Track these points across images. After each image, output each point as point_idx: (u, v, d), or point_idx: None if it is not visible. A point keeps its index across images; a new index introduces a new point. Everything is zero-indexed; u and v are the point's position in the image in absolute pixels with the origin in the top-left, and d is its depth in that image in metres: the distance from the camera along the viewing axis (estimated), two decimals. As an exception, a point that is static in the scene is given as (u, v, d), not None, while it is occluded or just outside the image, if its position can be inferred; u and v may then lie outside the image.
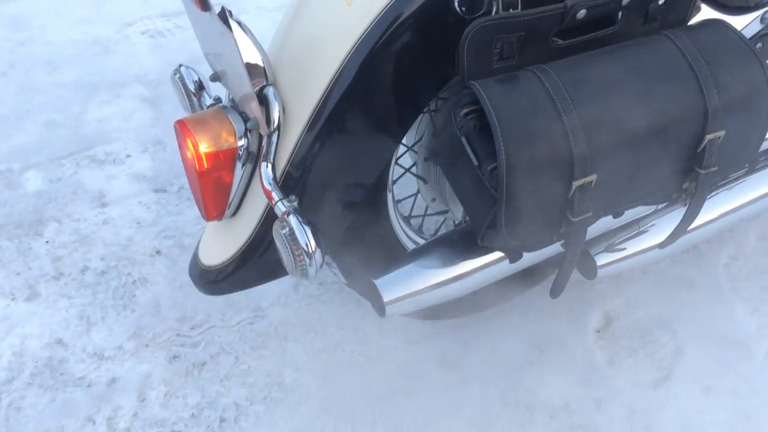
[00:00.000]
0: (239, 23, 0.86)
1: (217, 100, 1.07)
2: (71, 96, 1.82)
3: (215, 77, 0.99)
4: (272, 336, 1.31)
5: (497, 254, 0.96)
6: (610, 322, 1.36)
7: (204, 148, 0.90)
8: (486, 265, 0.95)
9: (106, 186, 1.57)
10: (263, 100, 0.90)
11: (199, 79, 1.09)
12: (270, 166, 0.90)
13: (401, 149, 1.13)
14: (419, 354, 1.29)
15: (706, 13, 1.04)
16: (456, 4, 0.84)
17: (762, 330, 1.34)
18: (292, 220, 0.81)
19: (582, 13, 0.83)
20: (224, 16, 0.85)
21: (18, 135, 1.71)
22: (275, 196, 0.87)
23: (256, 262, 0.99)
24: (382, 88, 0.90)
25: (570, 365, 1.28)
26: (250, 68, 0.87)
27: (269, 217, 0.95)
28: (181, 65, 1.10)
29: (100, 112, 1.77)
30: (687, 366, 1.28)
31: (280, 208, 0.85)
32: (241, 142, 0.92)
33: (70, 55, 1.96)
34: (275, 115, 0.90)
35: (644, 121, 0.83)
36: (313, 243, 0.79)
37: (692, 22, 0.98)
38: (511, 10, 0.81)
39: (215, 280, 1.02)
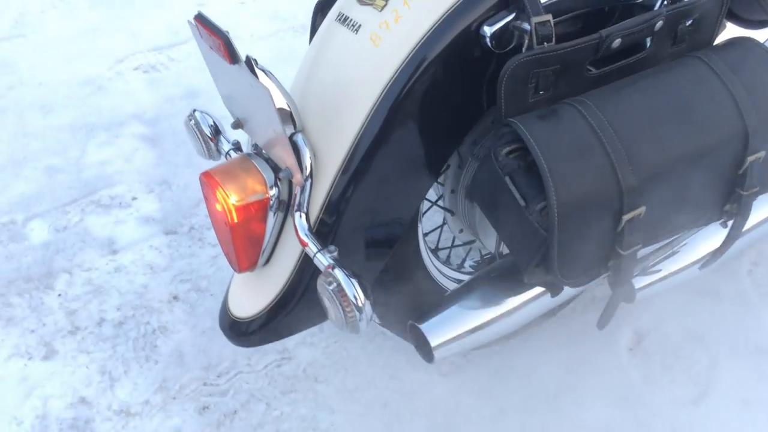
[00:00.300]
0: (264, 71, 0.84)
1: (236, 145, 1.04)
2: (68, 139, 1.77)
3: (237, 124, 0.96)
4: (302, 378, 1.28)
5: (539, 289, 0.94)
6: (641, 339, 1.35)
7: (235, 200, 0.87)
8: (529, 301, 0.93)
9: (115, 231, 1.53)
10: (293, 147, 0.87)
11: (214, 123, 1.06)
12: (304, 215, 0.87)
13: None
14: (453, 386, 1.27)
15: (730, 29, 1.04)
16: (487, 40, 0.82)
17: (793, 336, 1.34)
18: (339, 273, 0.78)
19: (617, 42, 0.82)
20: (251, 66, 0.82)
21: (17, 184, 1.66)
22: (314, 247, 0.85)
23: (291, 312, 0.96)
24: (414, 129, 0.88)
25: (607, 386, 1.26)
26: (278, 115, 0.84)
27: (303, 265, 0.92)
28: (195, 110, 1.07)
29: (100, 154, 1.73)
30: (723, 380, 1.27)
31: (322, 260, 0.82)
32: (272, 192, 0.89)
33: (63, 97, 1.92)
34: (306, 162, 0.87)
35: (687, 147, 0.82)
36: (362, 296, 0.77)
37: (718, 39, 0.97)
38: (545, 43, 0.80)
39: (247, 332, 0.99)
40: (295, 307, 0.95)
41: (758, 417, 1.21)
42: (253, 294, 0.99)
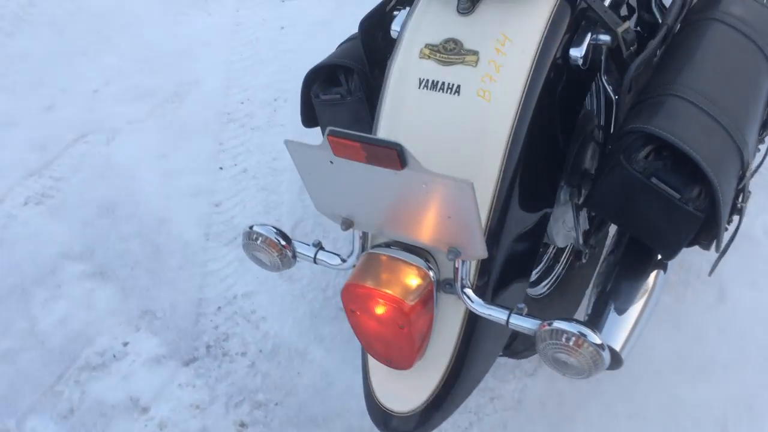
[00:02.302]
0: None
1: (319, 244, 0.99)
2: (5, 311, 1.48)
3: (348, 224, 0.91)
4: None
5: (656, 269, 1.03)
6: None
7: (410, 300, 0.84)
8: (658, 278, 1.01)
9: (130, 388, 1.34)
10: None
11: (279, 230, 0.99)
12: (470, 289, 0.87)
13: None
14: (543, 379, 1.33)
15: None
16: (579, 60, 0.89)
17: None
18: (563, 325, 0.80)
19: (677, 27, 0.93)
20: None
21: (-29, 386, 1.37)
22: (502, 314, 0.85)
23: (463, 382, 0.95)
24: (539, 164, 0.93)
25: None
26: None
27: (467, 334, 0.92)
28: (251, 226, 1.00)
29: (53, 313, 1.48)
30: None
31: (524, 324, 0.83)
32: (432, 275, 0.87)
33: (-46, 267, 1.59)
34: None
35: (752, 93, 0.96)
36: (596, 335, 0.79)
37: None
38: (631, 48, 0.88)
39: (419, 424, 0.96)
40: (467, 375, 0.95)
41: None
42: (413, 382, 0.96)
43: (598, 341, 0.79)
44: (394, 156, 0.74)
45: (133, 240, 1.62)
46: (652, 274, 1.03)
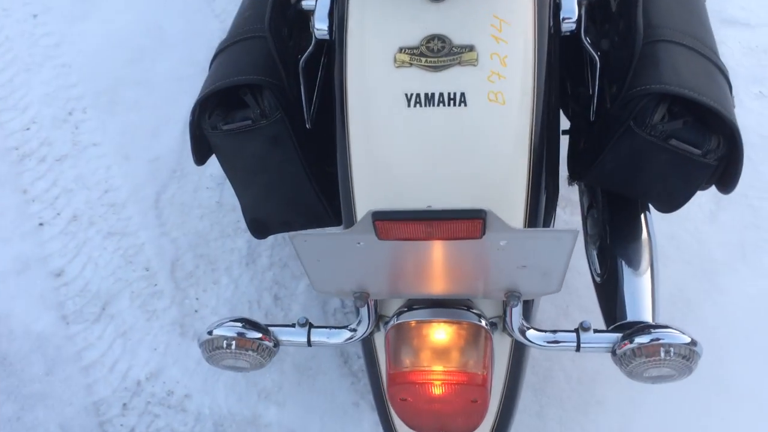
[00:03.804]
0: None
1: (305, 322, 0.80)
2: None
3: (364, 297, 0.72)
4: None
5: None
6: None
7: (480, 369, 0.70)
8: (647, 215, 0.97)
9: None
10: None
11: (247, 320, 0.78)
12: (530, 328, 0.76)
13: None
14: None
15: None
16: (573, 22, 0.77)
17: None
18: (645, 338, 0.72)
19: None
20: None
21: None
22: (569, 339, 0.75)
23: (509, 419, 0.86)
24: (556, 155, 0.85)
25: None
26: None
27: (514, 365, 0.82)
28: (210, 331, 0.78)
29: None
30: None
31: (600, 342, 0.74)
32: (486, 325, 0.73)
33: None
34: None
35: (704, 12, 0.91)
36: (683, 334, 0.73)
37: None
38: None
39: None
40: (514, 405, 0.86)
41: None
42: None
43: (688, 339, 0.73)
44: (476, 226, 0.56)
45: (-38, 359, 1.19)
46: (642, 217, 0.98)
